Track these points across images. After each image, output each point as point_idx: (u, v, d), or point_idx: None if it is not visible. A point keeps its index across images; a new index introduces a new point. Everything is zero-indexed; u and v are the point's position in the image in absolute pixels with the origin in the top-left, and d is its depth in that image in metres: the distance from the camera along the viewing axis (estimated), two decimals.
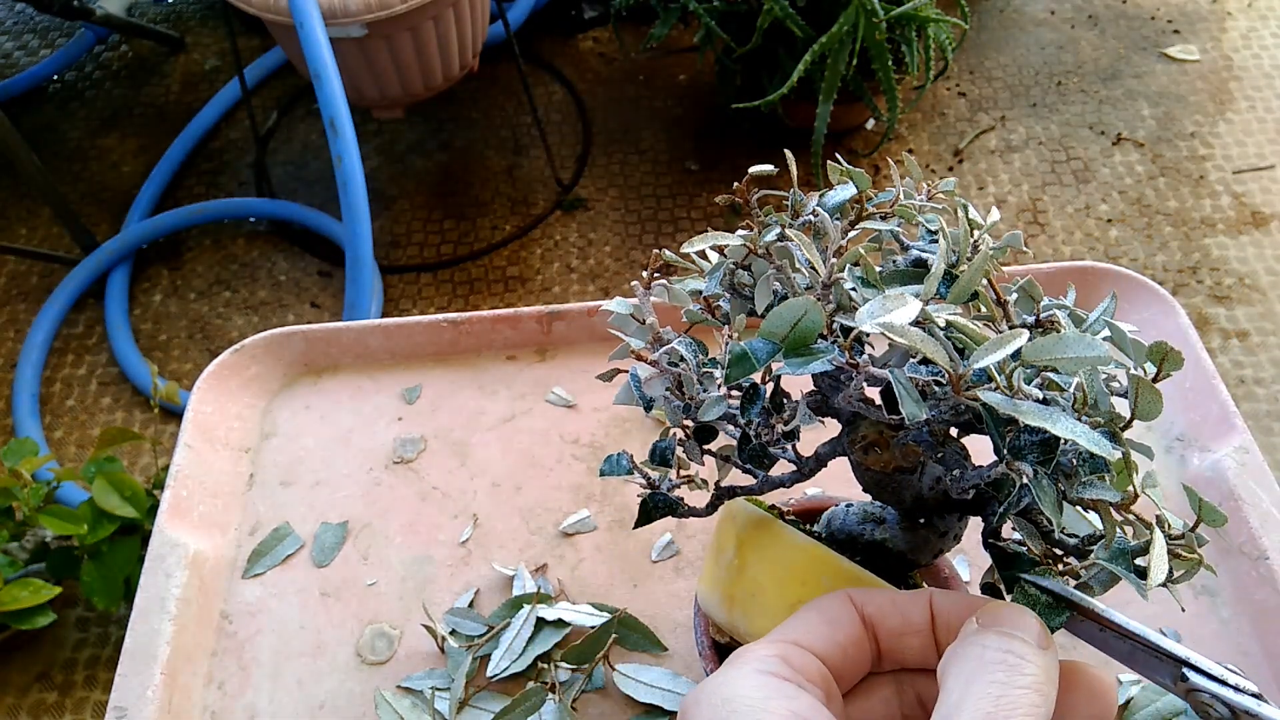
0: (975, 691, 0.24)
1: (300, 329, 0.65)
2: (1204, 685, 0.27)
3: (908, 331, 0.25)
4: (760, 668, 0.27)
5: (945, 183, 0.36)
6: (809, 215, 0.32)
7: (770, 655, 0.27)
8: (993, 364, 0.25)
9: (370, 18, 1.41)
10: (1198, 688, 0.27)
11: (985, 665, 0.25)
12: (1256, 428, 1.47)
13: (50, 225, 1.87)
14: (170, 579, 0.54)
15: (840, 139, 1.87)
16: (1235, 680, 0.27)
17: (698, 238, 0.31)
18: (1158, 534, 0.27)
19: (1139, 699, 0.49)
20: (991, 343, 0.25)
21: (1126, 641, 0.29)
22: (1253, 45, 2.02)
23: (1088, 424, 0.26)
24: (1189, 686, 0.27)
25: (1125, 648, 0.29)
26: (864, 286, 0.28)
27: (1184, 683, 0.27)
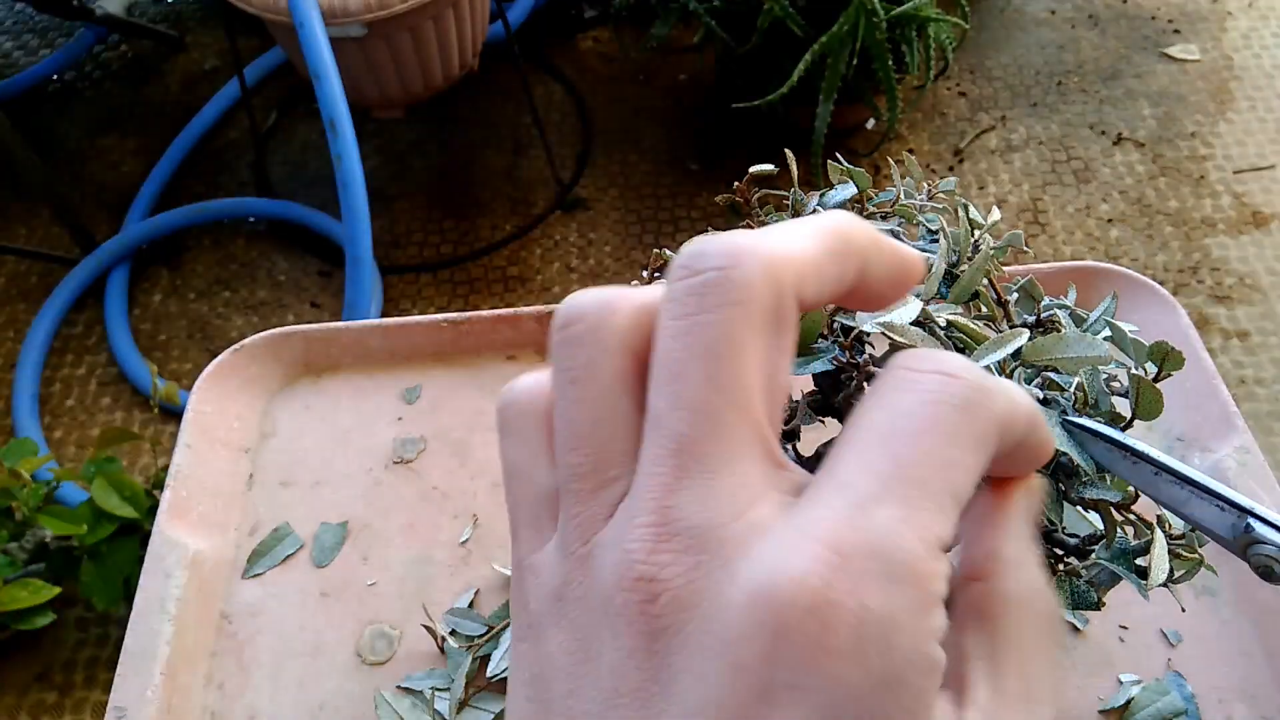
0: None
1: (300, 329, 0.65)
2: (1270, 537, 0.24)
3: (908, 331, 0.25)
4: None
5: (945, 182, 0.36)
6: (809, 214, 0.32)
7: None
8: (993, 363, 0.25)
9: (370, 18, 1.41)
10: (1262, 539, 0.24)
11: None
12: (1257, 428, 1.47)
13: (50, 225, 1.87)
14: (170, 579, 0.54)
15: (840, 139, 1.87)
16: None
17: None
18: (1158, 534, 0.27)
19: (1139, 699, 0.49)
20: (992, 342, 0.25)
21: (1183, 487, 0.26)
22: (1253, 45, 2.02)
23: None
24: (1251, 539, 0.25)
25: (1181, 494, 0.26)
26: None
27: (1246, 534, 0.25)
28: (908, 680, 0.18)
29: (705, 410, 0.19)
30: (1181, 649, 0.51)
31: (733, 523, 0.19)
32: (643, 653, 0.19)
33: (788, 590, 0.17)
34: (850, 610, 0.17)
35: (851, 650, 0.17)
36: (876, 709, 0.18)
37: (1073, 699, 0.50)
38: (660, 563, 0.19)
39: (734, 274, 0.19)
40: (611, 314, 0.21)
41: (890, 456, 0.19)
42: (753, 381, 0.19)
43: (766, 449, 0.20)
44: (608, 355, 0.21)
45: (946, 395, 0.19)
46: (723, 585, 0.18)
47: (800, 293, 0.20)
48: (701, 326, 0.19)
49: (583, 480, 0.21)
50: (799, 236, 0.21)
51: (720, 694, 0.18)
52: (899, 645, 0.18)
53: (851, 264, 0.22)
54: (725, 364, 0.19)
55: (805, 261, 0.20)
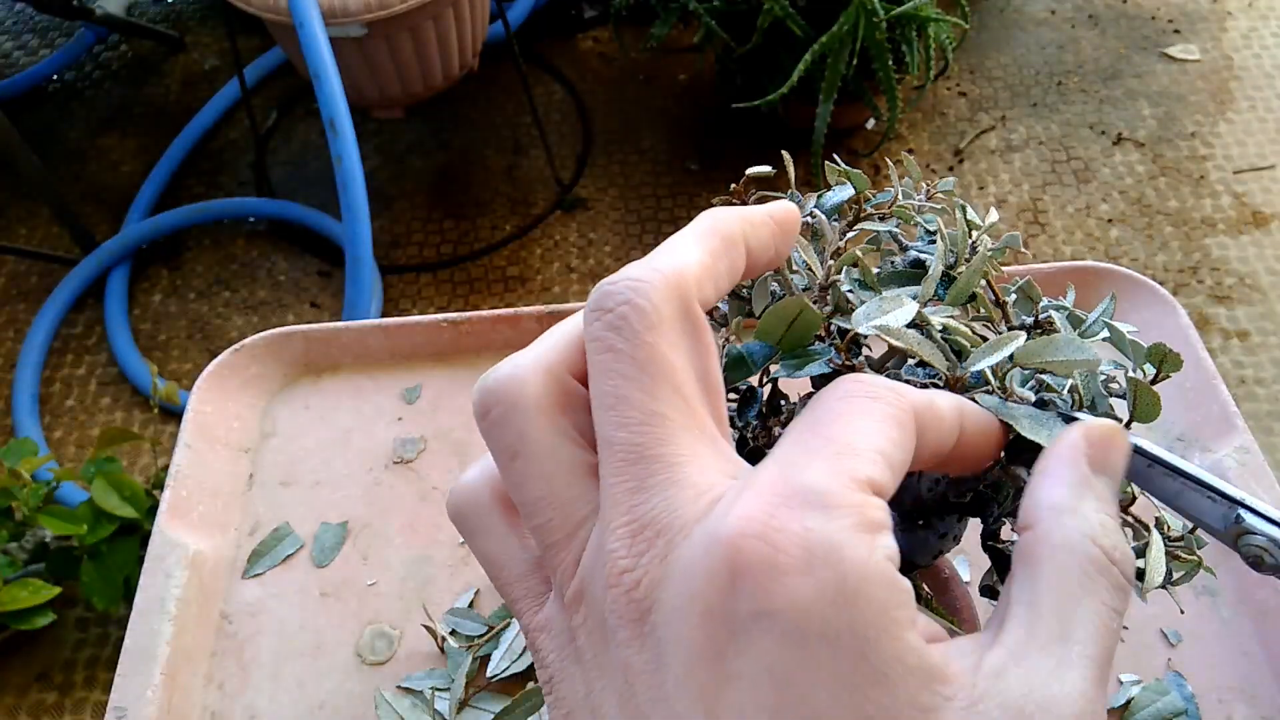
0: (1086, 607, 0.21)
1: (300, 329, 0.65)
2: (1260, 528, 0.25)
3: (904, 334, 0.25)
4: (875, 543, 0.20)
5: (944, 182, 0.36)
6: (806, 216, 0.32)
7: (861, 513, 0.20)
8: (989, 367, 0.25)
9: (370, 18, 1.41)
10: (1252, 530, 0.25)
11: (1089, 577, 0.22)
12: (1257, 428, 1.47)
13: (50, 225, 1.88)
14: (170, 579, 0.54)
15: (840, 139, 1.87)
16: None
17: None
18: (1155, 536, 0.27)
19: (1139, 699, 0.49)
20: (989, 345, 0.25)
21: (1176, 479, 0.26)
22: (1253, 45, 2.02)
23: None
24: (1242, 530, 0.25)
25: (1174, 486, 0.26)
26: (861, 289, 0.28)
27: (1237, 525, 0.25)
28: (865, 592, 0.19)
29: (650, 421, 0.21)
30: (1181, 649, 0.51)
31: (693, 505, 0.20)
32: (639, 639, 0.20)
33: (737, 527, 0.19)
34: (795, 531, 0.19)
35: (801, 564, 0.19)
36: (840, 621, 0.19)
37: None
38: (637, 553, 0.20)
39: (641, 303, 0.22)
40: (520, 384, 0.23)
41: (816, 433, 0.21)
42: (687, 388, 0.22)
43: (714, 442, 0.22)
44: (532, 421, 0.23)
45: (859, 389, 0.22)
46: (685, 550, 0.20)
47: (701, 296, 0.23)
48: (627, 355, 0.21)
49: (554, 533, 0.22)
50: (684, 248, 0.23)
51: (698, 642, 0.19)
52: (847, 557, 0.19)
53: (736, 251, 0.24)
54: (658, 380, 0.21)
55: (697, 268, 0.23)
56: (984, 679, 0.20)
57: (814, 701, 0.19)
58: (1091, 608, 0.21)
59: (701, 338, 0.23)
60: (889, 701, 0.19)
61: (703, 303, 0.23)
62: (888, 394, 0.22)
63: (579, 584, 0.22)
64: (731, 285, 0.24)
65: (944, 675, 0.19)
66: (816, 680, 0.19)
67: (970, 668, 0.20)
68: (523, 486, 0.23)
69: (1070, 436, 0.24)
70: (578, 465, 0.23)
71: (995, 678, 0.20)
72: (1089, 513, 0.22)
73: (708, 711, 0.19)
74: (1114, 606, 0.22)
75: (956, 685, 0.19)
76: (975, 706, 0.19)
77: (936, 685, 0.19)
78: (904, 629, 0.19)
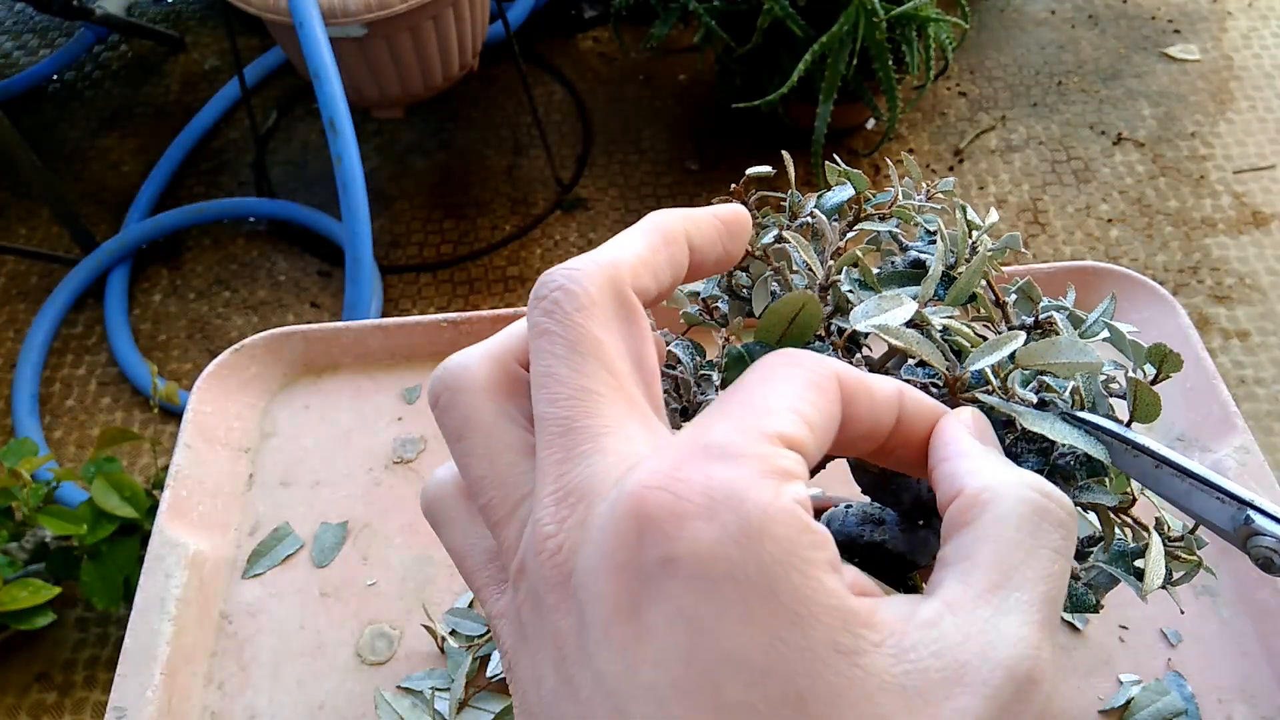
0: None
1: (300, 329, 0.65)
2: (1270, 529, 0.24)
3: (902, 333, 0.25)
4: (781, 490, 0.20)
5: (944, 182, 0.36)
6: (806, 217, 0.32)
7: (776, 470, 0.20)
8: (989, 366, 0.25)
9: (370, 18, 1.41)
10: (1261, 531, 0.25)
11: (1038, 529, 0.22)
12: (1257, 428, 1.47)
13: (50, 225, 1.88)
14: (170, 579, 0.54)
15: (840, 139, 1.87)
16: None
17: None
18: (1155, 537, 0.27)
19: (1139, 699, 0.49)
20: (988, 344, 0.25)
21: (1184, 480, 0.26)
22: (1253, 45, 2.02)
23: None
24: (1251, 530, 0.25)
25: (1182, 487, 0.26)
26: (861, 288, 0.28)
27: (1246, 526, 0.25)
28: (769, 531, 0.19)
29: (579, 395, 0.22)
30: (1181, 649, 0.51)
31: (614, 470, 0.21)
32: (564, 602, 0.20)
33: (643, 481, 0.20)
34: (697, 481, 0.19)
35: (703, 509, 0.19)
36: (746, 561, 0.19)
37: (1072, 699, 0.50)
38: (560, 519, 0.21)
39: (573, 288, 0.23)
40: (465, 370, 0.24)
41: (732, 399, 0.22)
42: (617, 365, 0.22)
43: (643, 417, 0.22)
44: (476, 402, 0.24)
45: (781, 359, 0.23)
46: (599, 509, 0.20)
47: (637, 285, 0.24)
48: (559, 335, 0.22)
49: (497, 511, 0.23)
50: (625, 241, 0.25)
51: (612, 596, 0.19)
52: (750, 499, 0.19)
53: (677, 247, 0.25)
54: (588, 357, 0.22)
55: (634, 259, 0.24)
56: (916, 628, 0.20)
57: (726, 643, 0.18)
58: (1031, 552, 0.21)
59: (636, 321, 0.23)
60: (803, 641, 0.18)
61: (640, 291, 0.24)
62: (808, 360, 0.23)
63: (519, 560, 0.22)
64: (675, 279, 0.25)
65: (869, 621, 0.19)
66: (727, 621, 0.18)
67: (902, 617, 0.20)
68: (468, 467, 0.24)
69: (946, 422, 0.24)
70: (518, 445, 0.23)
71: (929, 627, 0.20)
72: (1003, 468, 0.23)
73: (627, 665, 0.19)
74: (1056, 549, 0.21)
75: (885, 632, 0.19)
76: (906, 654, 0.19)
77: (859, 628, 0.19)
78: (817, 569, 0.19)
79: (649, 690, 0.19)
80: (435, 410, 0.25)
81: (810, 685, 0.18)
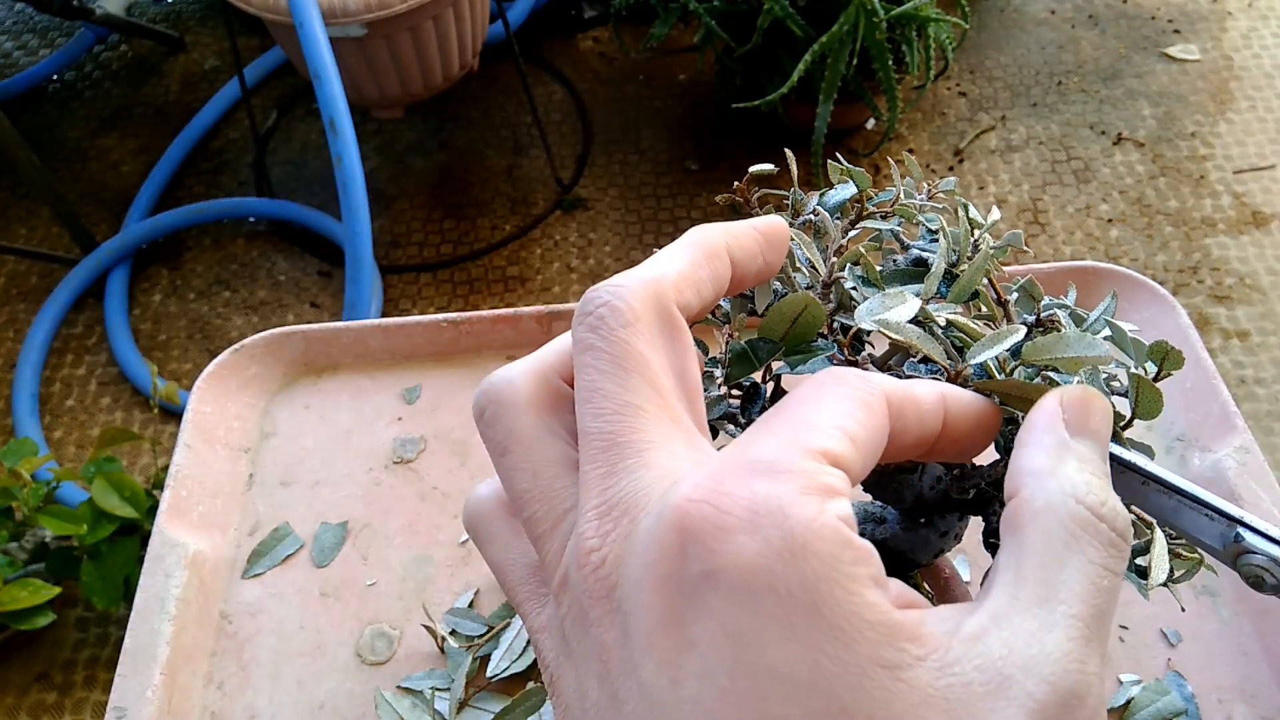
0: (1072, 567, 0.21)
1: (300, 329, 0.65)
2: (1260, 547, 0.24)
3: (905, 329, 0.25)
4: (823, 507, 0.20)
5: (945, 182, 0.36)
6: (809, 214, 0.32)
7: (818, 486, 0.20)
8: (991, 360, 0.25)
9: (370, 17, 1.41)
10: (1252, 549, 0.24)
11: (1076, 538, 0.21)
12: (1257, 428, 1.47)
13: (50, 225, 1.88)
14: (170, 579, 0.54)
15: (840, 139, 1.87)
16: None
17: None
18: (1158, 534, 0.27)
19: (1139, 699, 0.49)
20: (989, 338, 0.25)
21: (1172, 497, 0.25)
22: (1253, 45, 2.02)
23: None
24: (1241, 549, 0.24)
25: (1170, 503, 0.25)
26: (864, 285, 0.28)
27: (1236, 544, 0.24)
28: (812, 547, 0.19)
29: (623, 410, 0.22)
30: (1181, 649, 0.51)
31: (658, 485, 0.21)
32: (608, 616, 0.21)
33: (686, 494, 0.20)
34: (741, 495, 0.19)
35: (746, 524, 0.19)
36: (789, 576, 0.19)
37: None
38: (604, 532, 0.21)
39: (618, 304, 0.23)
40: (509, 385, 0.25)
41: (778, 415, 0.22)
42: (661, 381, 0.23)
43: (687, 431, 0.23)
44: (521, 417, 0.24)
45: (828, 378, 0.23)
46: (643, 523, 0.21)
47: (681, 301, 0.24)
48: (604, 351, 0.23)
49: (540, 524, 0.23)
50: (668, 257, 0.25)
51: (656, 609, 0.19)
52: (793, 515, 0.19)
53: (719, 262, 0.25)
54: (632, 373, 0.22)
55: (677, 275, 0.24)
56: (961, 642, 0.19)
57: (770, 657, 0.18)
58: (1077, 566, 0.21)
59: (679, 338, 0.24)
60: (848, 657, 0.18)
61: (683, 307, 0.24)
62: (855, 380, 0.23)
63: (562, 573, 0.22)
64: (718, 293, 0.26)
65: (913, 634, 0.19)
66: (770, 636, 0.18)
67: (947, 631, 0.20)
68: (512, 481, 0.24)
69: (1046, 403, 0.24)
70: (563, 459, 0.23)
71: (974, 641, 0.19)
72: (1070, 473, 0.22)
73: (671, 678, 0.19)
74: (1104, 564, 0.21)
75: (930, 646, 0.19)
76: (950, 668, 0.19)
77: (903, 642, 0.19)
78: (860, 585, 0.19)
79: (693, 703, 0.19)
80: (480, 424, 0.25)
81: (854, 699, 0.18)
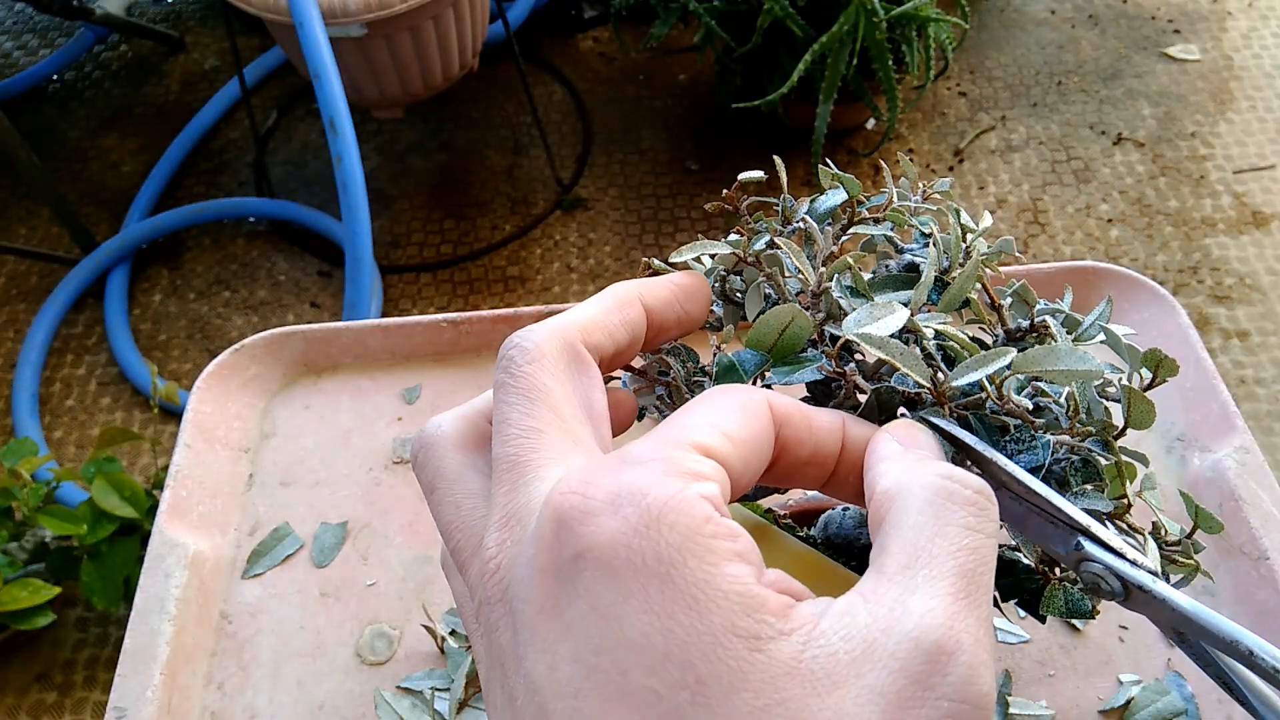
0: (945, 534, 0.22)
1: (300, 329, 0.65)
2: (1098, 556, 0.24)
3: (887, 344, 0.25)
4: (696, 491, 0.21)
5: (940, 183, 0.36)
6: (799, 222, 0.32)
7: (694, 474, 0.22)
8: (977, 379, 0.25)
9: (370, 17, 1.41)
10: (1091, 557, 0.24)
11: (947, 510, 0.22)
12: (1257, 428, 1.47)
13: (50, 225, 1.88)
14: (170, 579, 0.54)
15: (840, 139, 1.87)
16: (1134, 555, 0.24)
17: (686, 247, 0.31)
18: (1151, 543, 0.27)
19: (1139, 699, 0.49)
20: (975, 359, 0.25)
21: (1021, 504, 0.25)
22: (1253, 45, 2.02)
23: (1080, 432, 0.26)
24: (1081, 556, 0.25)
25: (1019, 510, 0.25)
26: (853, 295, 0.29)
27: (1077, 552, 0.25)
28: (668, 520, 0.20)
29: (527, 434, 0.24)
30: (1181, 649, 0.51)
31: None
32: (504, 619, 0.22)
33: (559, 488, 0.21)
34: (605, 485, 0.21)
35: (609, 504, 0.20)
36: (645, 549, 0.20)
37: (1073, 699, 0.50)
38: (500, 541, 0.22)
39: (525, 344, 0.25)
40: (437, 429, 0.27)
41: (660, 425, 0.23)
42: (564, 409, 0.25)
43: (588, 450, 0.24)
44: (446, 456, 0.26)
45: (717, 389, 0.25)
46: (530, 527, 0.22)
47: (589, 342, 0.26)
48: (512, 386, 0.25)
49: (463, 552, 0.25)
50: (581, 307, 0.27)
51: (537, 599, 0.21)
52: (652, 493, 0.20)
53: (632, 309, 0.28)
54: (536, 402, 0.24)
55: (585, 320, 0.27)
56: (828, 618, 0.20)
57: (629, 630, 0.19)
58: (937, 531, 0.21)
59: (585, 372, 0.26)
60: (701, 625, 0.19)
61: (593, 348, 0.26)
62: (740, 389, 0.25)
63: (474, 590, 0.24)
64: (632, 336, 0.28)
65: (779, 610, 0.19)
66: (629, 609, 0.19)
67: (817, 612, 0.20)
68: (438, 515, 0.26)
69: (877, 437, 0.26)
70: (481, 492, 0.25)
71: (841, 616, 0.20)
72: (911, 460, 0.24)
73: (549, 664, 0.20)
74: (965, 524, 0.21)
75: (797, 622, 0.19)
76: (815, 641, 0.19)
77: (764, 615, 0.19)
78: (718, 556, 0.20)
79: (566, 685, 0.19)
80: (414, 468, 0.27)
81: (709, 669, 0.19)
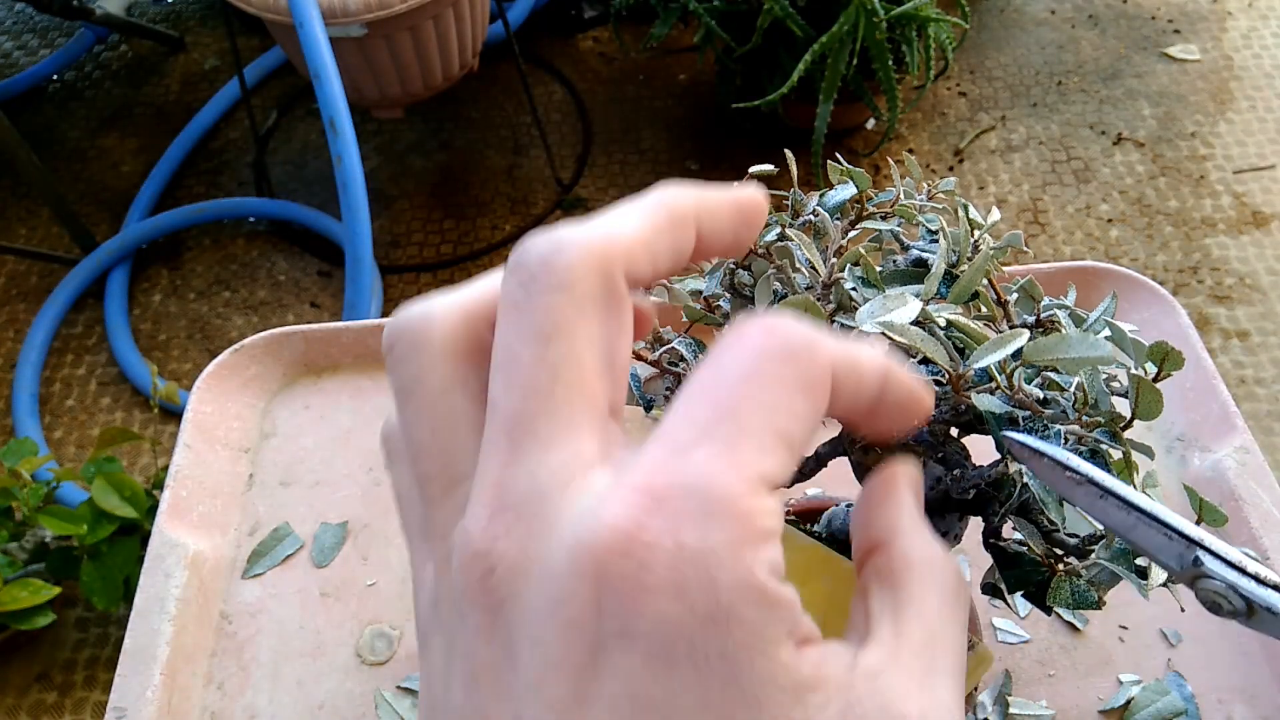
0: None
1: (300, 329, 0.65)
2: (1219, 572, 0.23)
3: (908, 331, 0.25)
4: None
5: (945, 182, 0.36)
6: (809, 215, 0.32)
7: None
8: (993, 363, 0.25)
9: (370, 17, 1.41)
10: (1210, 574, 0.23)
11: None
12: (1257, 428, 1.47)
13: (50, 225, 1.87)
14: (170, 579, 0.54)
15: (840, 139, 1.87)
16: (1256, 569, 0.23)
17: None
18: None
19: (1139, 699, 0.49)
20: (992, 343, 0.25)
21: (1130, 513, 0.24)
22: (1253, 45, 2.02)
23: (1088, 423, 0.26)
24: (1199, 573, 0.23)
25: (1128, 520, 0.24)
26: (864, 286, 0.28)
27: (1195, 567, 0.23)
28: (738, 613, 0.18)
29: (536, 389, 0.19)
30: (1181, 649, 0.51)
31: (563, 489, 0.19)
32: (489, 629, 0.19)
33: (604, 537, 0.17)
34: (665, 549, 0.17)
35: (670, 586, 0.17)
36: (709, 645, 0.17)
37: (1073, 699, 0.50)
38: (493, 535, 0.19)
39: (556, 262, 0.20)
40: (428, 324, 0.21)
41: (709, 404, 0.19)
42: (586, 361, 0.20)
43: (603, 423, 0.20)
44: (433, 363, 0.21)
45: (766, 347, 0.19)
46: (549, 546, 0.18)
47: (631, 271, 0.21)
48: (529, 313, 0.20)
49: (432, 485, 0.21)
50: (624, 218, 0.21)
51: (557, 655, 0.18)
52: (721, 579, 0.17)
53: (683, 231, 0.22)
54: (554, 345, 0.19)
55: (632, 241, 0.21)
56: (861, 679, 0.19)
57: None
58: (952, 624, 0.21)
59: (617, 313, 0.21)
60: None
61: (634, 277, 0.21)
62: (803, 352, 0.20)
63: (445, 552, 0.20)
64: (675, 266, 0.22)
65: (816, 683, 0.19)
66: (680, 705, 0.18)
67: (846, 666, 0.19)
68: (410, 429, 0.22)
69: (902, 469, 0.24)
70: (469, 419, 0.21)
71: (872, 678, 0.19)
72: (932, 539, 0.23)
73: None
74: (963, 624, 0.22)
75: (832, 689, 0.19)
76: (852, 709, 0.19)
77: (808, 695, 0.19)
78: (778, 648, 0.18)
79: None
80: (388, 359, 0.22)
81: None
